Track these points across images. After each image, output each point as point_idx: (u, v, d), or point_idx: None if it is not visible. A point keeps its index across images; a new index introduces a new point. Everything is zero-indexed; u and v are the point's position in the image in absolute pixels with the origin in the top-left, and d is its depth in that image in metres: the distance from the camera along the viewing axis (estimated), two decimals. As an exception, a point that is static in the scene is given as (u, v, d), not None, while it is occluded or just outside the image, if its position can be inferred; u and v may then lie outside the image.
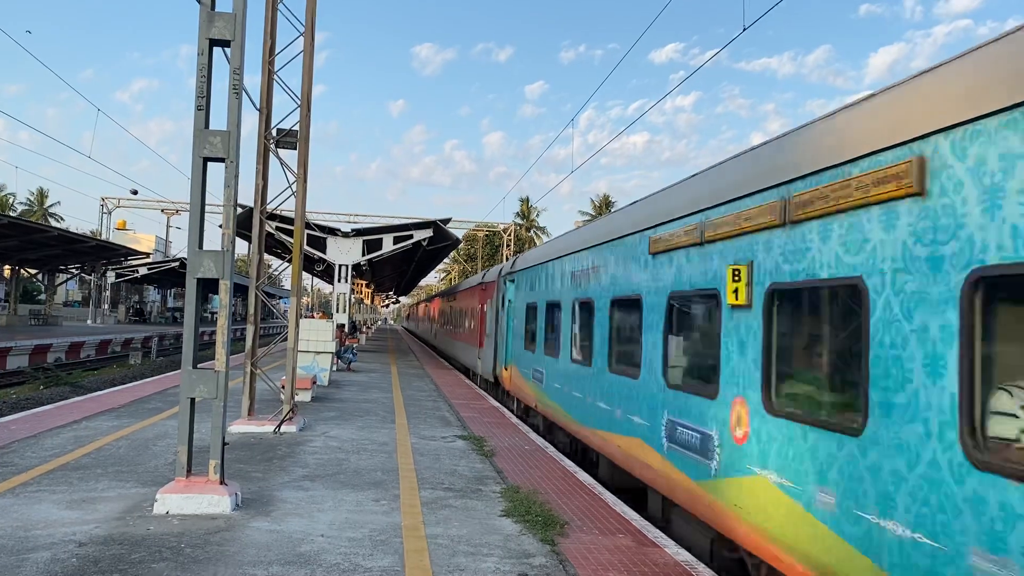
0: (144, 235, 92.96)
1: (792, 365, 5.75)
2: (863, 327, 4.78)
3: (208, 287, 7.83)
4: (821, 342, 5.44)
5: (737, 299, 6.39)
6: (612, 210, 14.29)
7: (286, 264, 18.97)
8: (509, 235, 71.54)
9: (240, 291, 60.06)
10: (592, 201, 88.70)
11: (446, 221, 29.61)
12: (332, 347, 19.41)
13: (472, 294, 27.02)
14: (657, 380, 8.25)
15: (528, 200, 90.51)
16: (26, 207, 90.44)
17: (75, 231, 53.88)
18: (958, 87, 4.21)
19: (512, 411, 17.77)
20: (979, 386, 3.88)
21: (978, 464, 3.79)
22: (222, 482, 7.59)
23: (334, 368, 21.94)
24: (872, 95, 5.16)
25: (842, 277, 5.03)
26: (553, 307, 13.66)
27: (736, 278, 6.39)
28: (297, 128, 12.89)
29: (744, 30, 12.03)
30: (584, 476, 10.04)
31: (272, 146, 12.85)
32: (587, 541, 7.09)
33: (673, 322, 8.08)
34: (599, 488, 9.39)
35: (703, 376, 7.25)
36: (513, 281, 18.13)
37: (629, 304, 9.36)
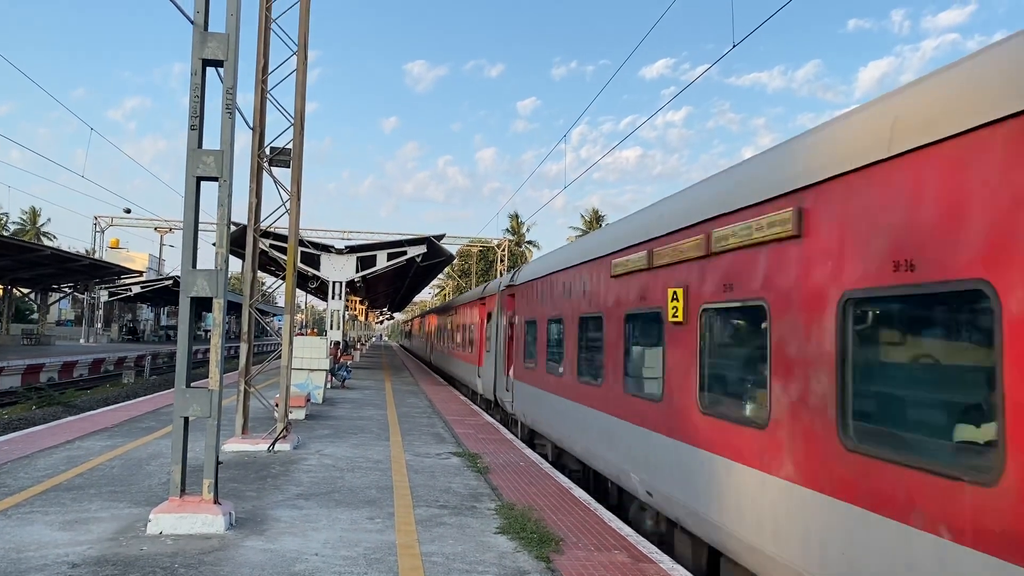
0: (137, 253, 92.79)
1: None
2: None
3: (202, 305, 7.84)
4: None
5: None
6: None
7: (280, 281, 18.98)
8: (503, 251, 71.62)
9: (234, 309, 59.87)
10: (582, 216, 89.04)
11: (440, 237, 29.69)
12: (326, 364, 19.37)
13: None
14: None
15: (518, 216, 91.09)
16: (19, 226, 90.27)
17: (68, 250, 53.75)
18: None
19: None
20: None
21: None
22: (216, 501, 7.56)
23: (328, 386, 21.87)
24: None
25: None
26: None
27: None
28: (290, 146, 12.94)
29: (734, 47, 12.15)
30: (579, 492, 10.03)
31: (266, 164, 12.89)
32: (582, 557, 7.08)
33: None
34: (594, 504, 9.37)
35: None
36: None
37: None
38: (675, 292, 7.75)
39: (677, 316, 7.68)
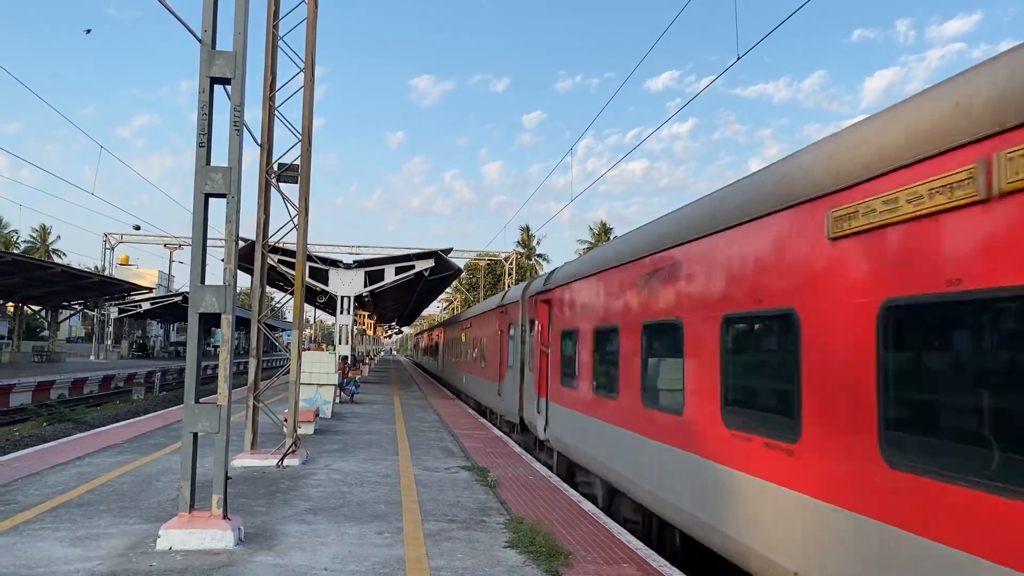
0: (147, 270, 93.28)
1: None
2: None
3: (210, 321, 7.87)
4: None
5: None
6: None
7: (288, 297, 19.05)
8: (511, 264, 71.71)
9: (242, 324, 60.08)
10: (591, 229, 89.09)
11: (447, 251, 29.73)
12: (335, 379, 19.40)
13: None
14: None
15: (528, 229, 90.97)
16: (29, 244, 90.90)
17: (78, 267, 54.10)
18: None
19: None
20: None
21: None
22: (225, 517, 7.57)
23: (337, 400, 21.89)
24: None
25: None
26: None
27: None
28: (298, 162, 13.02)
29: (739, 58, 12.20)
30: (588, 505, 9.99)
31: (273, 180, 12.97)
32: (592, 571, 7.05)
33: None
34: (603, 517, 9.34)
35: None
36: None
37: None
38: None
39: None
